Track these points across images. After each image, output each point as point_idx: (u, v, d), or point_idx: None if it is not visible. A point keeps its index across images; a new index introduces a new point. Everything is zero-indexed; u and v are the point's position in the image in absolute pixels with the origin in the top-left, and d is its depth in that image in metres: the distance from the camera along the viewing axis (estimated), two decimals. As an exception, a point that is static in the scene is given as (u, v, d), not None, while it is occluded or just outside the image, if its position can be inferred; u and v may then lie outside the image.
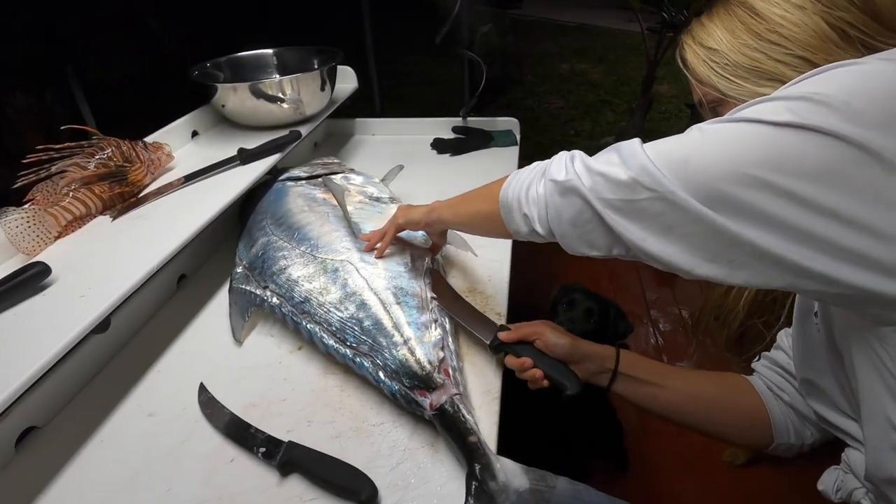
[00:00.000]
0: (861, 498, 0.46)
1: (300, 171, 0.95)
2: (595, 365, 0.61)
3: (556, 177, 0.44)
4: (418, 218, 0.66)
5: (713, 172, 0.35)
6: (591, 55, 3.98)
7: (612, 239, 0.42)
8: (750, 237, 0.35)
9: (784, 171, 0.33)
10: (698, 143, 0.37)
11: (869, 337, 0.38)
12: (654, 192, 0.37)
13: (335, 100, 1.16)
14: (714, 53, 0.47)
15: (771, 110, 0.34)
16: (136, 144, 0.83)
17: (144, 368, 0.67)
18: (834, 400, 0.49)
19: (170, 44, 1.78)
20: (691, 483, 1.22)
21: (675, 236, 0.38)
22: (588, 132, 2.92)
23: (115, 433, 0.59)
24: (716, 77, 0.47)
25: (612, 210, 0.40)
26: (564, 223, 0.44)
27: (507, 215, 0.51)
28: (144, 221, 0.74)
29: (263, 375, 0.65)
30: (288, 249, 0.74)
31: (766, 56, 0.44)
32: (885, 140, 0.31)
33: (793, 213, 0.33)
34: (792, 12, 0.43)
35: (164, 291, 0.79)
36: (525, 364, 0.58)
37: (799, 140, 0.32)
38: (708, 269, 0.38)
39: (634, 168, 0.38)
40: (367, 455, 0.54)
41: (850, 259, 0.33)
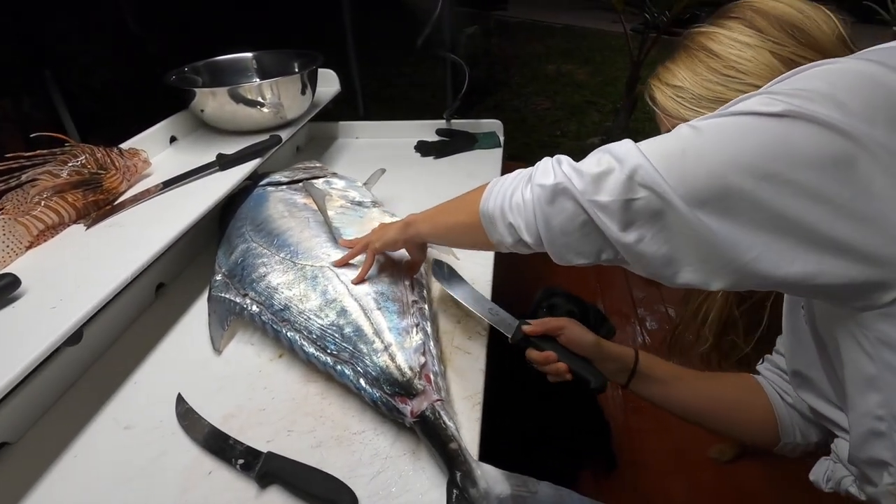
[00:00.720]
0: (849, 486, 0.47)
1: (281, 176, 0.94)
2: (615, 364, 0.62)
3: (543, 181, 0.43)
4: (394, 237, 0.64)
5: (712, 163, 0.35)
6: (577, 56, 4.01)
7: (603, 243, 0.41)
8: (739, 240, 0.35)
9: (781, 158, 0.33)
10: (694, 137, 0.37)
11: (849, 323, 0.39)
12: (651, 191, 0.37)
13: (317, 103, 1.15)
14: (680, 90, 0.54)
15: (764, 103, 0.35)
16: (112, 151, 0.81)
17: (120, 380, 0.66)
18: (823, 390, 0.49)
19: (149, 48, 1.76)
20: (679, 480, 1.22)
21: (667, 236, 0.38)
22: (574, 133, 2.93)
23: (90, 448, 0.57)
24: (683, 109, 0.53)
25: (606, 213, 0.39)
26: (554, 230, 0.43)
27: (490, 226, 0.49)
28: (120, 229, 0.73)
29: (243, 385, 0.64)
30: (268, 256, 0.73)
31: (726, 88, 0.50)
32: (871, 131, 0.32)
33: (788, 201, 0.33)
34: (744, 51, 0.51)
35: (141, 301, 0.78)
36: (550, 357, 0.59)
37: (795, 129, 0.33)
38: (692, 273, 0.38)
39: (629, 166, 0.38)
40: (348, 464, 0.53)
41: (835, 249, 0.34)
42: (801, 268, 0.35)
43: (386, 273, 0.69)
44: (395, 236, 0.64)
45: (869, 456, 0.41)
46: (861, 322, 0.37)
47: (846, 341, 0.40)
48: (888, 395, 0.38)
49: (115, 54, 1.75)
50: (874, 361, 0.37)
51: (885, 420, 0.38)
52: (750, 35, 0.51)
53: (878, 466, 0.40)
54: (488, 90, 3.35)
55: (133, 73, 1.78)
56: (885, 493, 0.40)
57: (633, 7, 2.17)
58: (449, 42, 1.27)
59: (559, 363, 0.59)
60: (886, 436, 0.38)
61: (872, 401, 0.39)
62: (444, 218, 0.58)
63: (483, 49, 3.63)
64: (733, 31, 0.52)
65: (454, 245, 0.64)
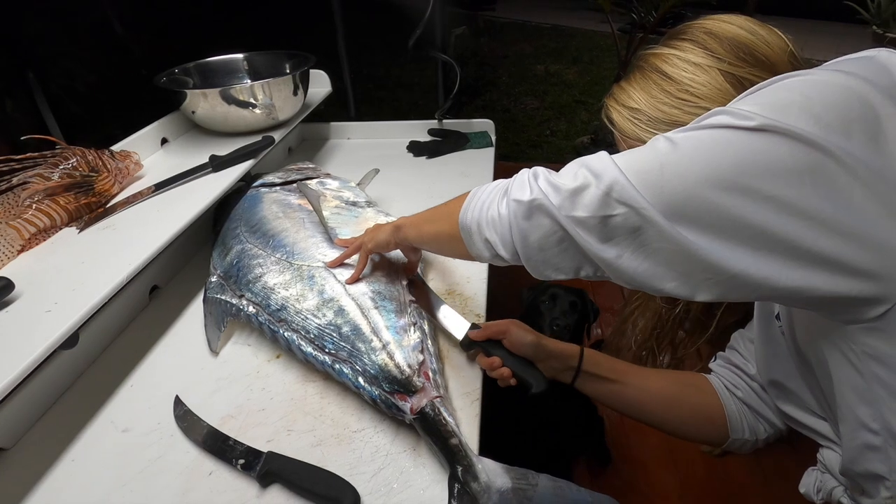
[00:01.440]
0: (840, 496, 0.47)
1: (274, 177, 0.94)
2: (559, 363, 0.61)
3: (519, 196, 0.41)
4: (386, 239, 0.63)
5: (689, 179, 0.34)
6: (565, 56, 4.04)
7: (581, 259, 0.40)
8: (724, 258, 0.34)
9: (760, 174, 0.33)
10: (671, 151, 0.36)
11: (836, 338, 0.38)
12: (629, 207, 0.36)
13: (309, 104, 1.15)
14: (636, 112, 0.54)
15: (740, 116, 0.34)
16: (103, 153, 0.80)
17: (117, 383, 0.65)
18: (804, 401, 0.49)
19: (137, 50, 1.74)
20: (672, 474, 1.24)
21: (648, 252, 0.37)
22: (564, 132, 2.95)
23: (87, 451, 0.57)
24: (641, 132, 0.53)
25: (584, 229, 0.38)
26: (531, 246, 0.42)
27: (468, 239, 0.48)
28: (113, 232, 0.72)
29: (241, 386, 0.64)
30: (263, 257, 0.73)
31: (681, 111, 0.51)
32: (846, 144, 0.32)
33: (770, 217, 0.33)
34: (698, 74, 0.50)
35: (135, 304, 0.77)
36: (494, 363, 0.59)
37: (772, 143, 0.33)
38: (675, 285, 0.37)
39: (606, 182, 0.37)
40: (349, 462, 0.54)
41: (821, 264, 0.33)
42: (790, 282, 0.34)
43: (382, 272, 0.69)
44: (387, 238, 0.63)
45: (864, 469, 0.41)
46: (847, 336, 0.37)
47: (832, 355, 0.40)
48: (879, 408, 0.37)
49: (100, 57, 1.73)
50: (862, 375, 0.37)
51: (879, 434, 0.38)
52: (702, 56, 0.51)
53: (873, 480, 0.40)
54: (478, 90, 3.36)
55: (118, 76, 1.76)
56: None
57: (620, 7, 2.20)
58: (440, 42, 1.28)
59: (503, 368, 0.58)
60: (881, 450, 0.38)
61: (864, 414, 0.39)
62: (429, 227, 0.57)
63: (472, 49, 3.64)
64: (686, 53, 0.52)
65: (441, 253, 0.63)
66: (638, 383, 0.62)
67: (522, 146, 2.84)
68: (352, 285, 0.67)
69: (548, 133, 2.97)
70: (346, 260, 0.69)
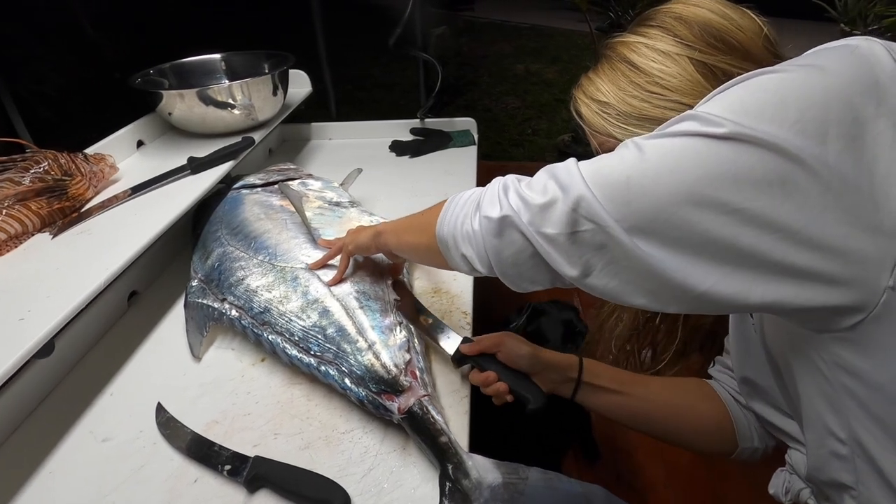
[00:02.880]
0: (808, 498, 0.47)
1: (255, 179, 0.92)
2: (558, 375, 0.59)
3: (490, 213, 0.41)
4: (367, 243, 0.61)
5: (655, 193, 0.33)
6: (544, 55, 4.07)
7: (553, 274, 0.40)
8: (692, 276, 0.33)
9: (728, 185, 0.32)
10: (638, 161, 0.35)
11: (806, 345, 0.38)
12: (595, 224, 0.35)
13: (289, 104, 1.14)
14: (605, 106, 0.51)
15: (709, 122, 0.33)
16: (76, 156, 0.78)
17: (95, 392, 0.63)
18: (774, 399, 0.49)
19: (109, 52, 1.70)
20: (659, 464, 1.26)
21: (616, 270, 0.36)
22: (545, 130, 2.97)
23: (66, 463, 0.55)
24: (610, 126, 0.51)
25: (553, 245, 0.37)
26: (505, 262, 0.41)
27: (446, 252, 0.47)
28: (89, 237, 0.71)
29: (225, 391, 0.63)
30: (245, 259, 0.72)
31: (651, 105, 0.48)
32: (821, 151, 0.30)
33: (737, 230, 0.32)
34: (668, 65, 0.48)
35: (113, 310, 0.75)
36: (489, 378, 0.56)
37: (742, 152, 0.31)
38: (646, 301, 0.37)
39: (572, 197, 0.36)
40: (338, 464, 0.53)
41: (792, 275, 0.32)
42: (761, 296, 0.33)
43: (366, 271, 0.69)
44: (368, 242, 0.61)
45: (830, 477, 0.40)
46: (818, 344, 0.36)
47: (802, 361, 0.39)
48: (846, 419, 0.37)
49: (71, 59, 1.69)
50: (831, 384, 0.37)
51: (846, 444, 0.38)
52: (672, 44, 0.48)
53: (839, 489, 0.40)
54: (459, 90, 3.37)
55: (91, 79, 1.72)
56: None
57: (597, 6, 2.22)
58: (420, 42, 1.27)
59: (499, 384, 0.55)
60: (848, 459, 0.38)
61: (831, 422, 0.38)
62: (408, 237, 0.55)
63: (452, 49, 3.65)
64: (654, 41, 0.49)
65: (421, 263, 0.61)
66: (642, 393, 0.59)
67: (504, 145, 2.86)
68: (336, 286, 0.66)
69: (529, 132, 2.99)
70: (328, 262, 0.69)
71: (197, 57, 1.10)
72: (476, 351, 0.58)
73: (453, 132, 1.27)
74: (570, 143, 2.43)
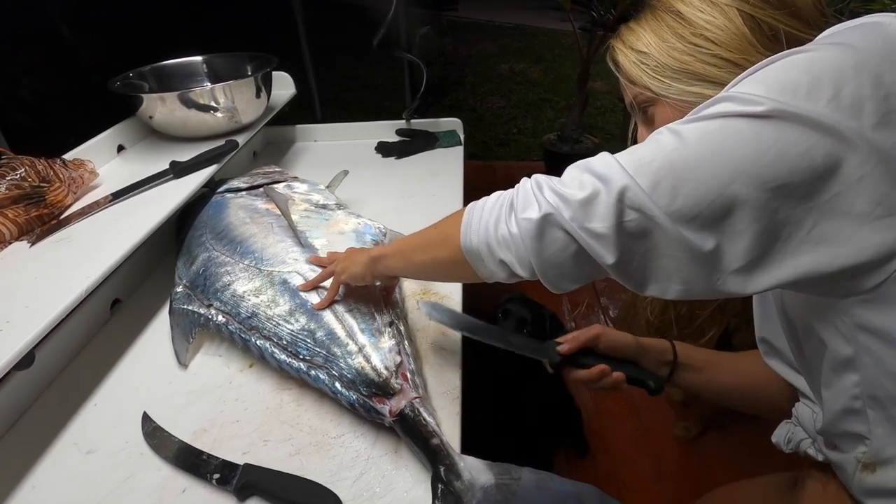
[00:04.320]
0: (807, 448, 0.50)
1: (240, 182, 0.91)
2: (654, 359, 0.60)
3: (529, 214, 0.40)
4: (362, 272, 0.59)
5: (701, 177, 0.34)
6: (529, 55, 4.09)
7: (596, 268, 0.40)
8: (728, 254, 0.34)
9: (771, 162, 0.32)
10: (679, 147, 0.35)
11: (826, 310, 0.39)
12: (640, 214, 0.35)
13: (272, 107, 1.12)
14: (644, 56, 0.49)
15: (746, 102, 0.33)
16: (54, 162, 0.76)
17: (79, 403, 0.62)
18: (788, 358, 0.51)
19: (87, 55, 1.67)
20: (648, 459, 1.27)
21: (654, 255, 0.37)
22: (531, 130, 2.99)
23: (49, 476, 0.54)
24: (647, 78, 0.48)
25: (599, 240, 0.37)
26: (548, 263, 0.40)
27: (477, 262, 0.46)
28: (69, 245, 0.69)
29: (213, 398, 0.62)
30: (231, 264, 0.71)
31: (693, 58, 0.46)
32: (858, 125, 0.31)
33: (779, 205, 0.33)
34: (715, 16, 0.45)
35: (95, 319, 0.74)
36: (605, 371, 0.56)
37: (783, 130, 0.32)
38: (680, 287, 0.37)
39: (616, 188, 0.36)
40: (330, 469, 0.53)
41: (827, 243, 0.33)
42: (791, 271, 0.34)
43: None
44: (363, 272, 0.59)
45: (844, 430, 0.42)
46: (839, 308, 0.38)
47: (822, 326, 0.40)
48: (864, 375, 0.38)
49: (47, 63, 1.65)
50: (850, 344, 0.38)
51: (860, 398, 0.39)
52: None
53: (851, 438, 0.42)
54: (444, 90, 3.37)
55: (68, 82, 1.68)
56: (851, 460, 0.42)
57: (580, 6, 2.24)
58: (405, 42, 1.27)
59: (616, 374, 0.56)
60: (861, 412, 0.40)
61: (849, 381, 0.40)
62: (421, 255, 0.53)
63: (437, 50, 3.65)
64: None
65: (432, 280, 0.59)
66: (732, 368, 0.60)
67: (490, 145, 2.86)
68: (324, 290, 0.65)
69: (515, 131, 3.00)
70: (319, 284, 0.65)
71: (178, 59, 1.08)
72: (574, 349, 0.57)
73: (439, 133, 1.27)
74: (555, 141, 2.45)
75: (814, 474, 0.52)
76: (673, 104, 0.47)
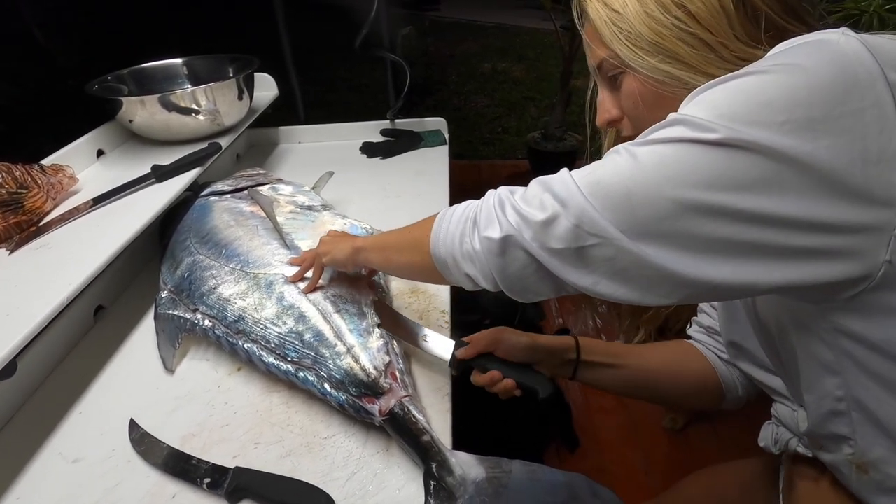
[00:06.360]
0: (796, 446, 0.50)
1: (224, 185, 0.91)
2: (557, 358, 0.59)
3: (490, 234, 0.40)
4: (343, 259, 0.60)
5: (658, 203, 0.34)
6: (511, 54, 4.11)
7: (559, 285, 0.40)
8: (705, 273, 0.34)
9: (727, 189, 0.33)
10: (636, 171, 0.35)
11: (803, 316, 0.39)
12: (600, 238, 0.36)
13: (255, 109, 1.12)
14: (618, 17, 0.45)
15: (700, 128, 0.33)
16: (32, 168, 0.75)
17: (63, 412, 0.61)
18: (759, 359, 0.52)
19: (62, 59, 1.64)
20: (637, 453, 1.29)
21: (625, 277, 0.37)
22: (515, 128, 3.00)
23: (34, 487, 0.53)
24: (618, 44, 0.45)
25: (559, 259, 0.38)
26: (511, 277, 0.41)
27: (445, 271, 0.46)
28: (49, 251, 0.68)
29: (202, 402, 0.61)
30: (217, 268, 0.71)
31: (669, 32, 0.43)
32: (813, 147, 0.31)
33: (743, 229, 0.33)
34: None
35: (79, 326, 0.73)
36: (494, 378, 0.55)
37: (737, 158, 0.32)
38: (658, 299, 0.37)
39: (574, 213, 0.36)
40: (321, 469, 0.53)
41: (801, 257, 0.33)
42: (771, 281, 0.34)
43: (342, 275, 0.68)
44: (344, 259, 0.60)
45: (829, 431, 0.43)
46: (816, 315, 0.38)
47: (799, 331, 0.40)
48: (846, 379, 0.39)
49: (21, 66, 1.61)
50: (831, 348, 0.38)
51: (843, 400, 0.40)
52: None
53: (837, 440, 0.43)
54: (427, 90, 3.37)
55: (42, 86, 1.65)
56: (843, 461, 0.43)
57: (560, 5, 2.26)
58: (387, 43, 1.27)
59: (505, 381, 0.55)
60: (845, 414, 0.40)
61: (831, 384, 0.40)
62: (397, 256, 0.54)
63: (419, 49, 3.64)
64: None
65: (412, 279, 0.59)
66: (636, 362, 0.60)
67: (475, 144, 2.87)
68: (311, 292, 0.65)
69: (499, 130, 3.02)
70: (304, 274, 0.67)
71: (157, 62, 1.07)
72: (473, 353, 0.57)
73: (424, 132, 1.27)
74: (539, 139, 2.46)
75: (803, 471, 0.53)
76: (642, 79, 0.45)
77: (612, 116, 0.50)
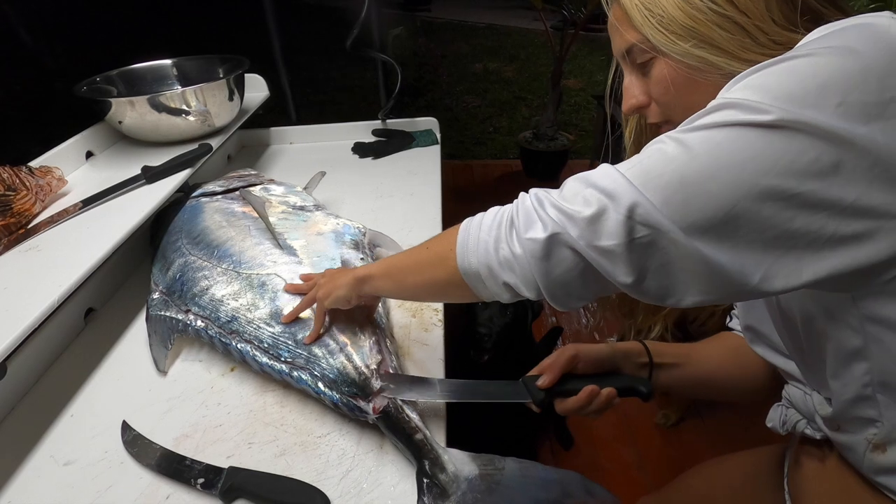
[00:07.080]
0: (804, 428, 0.51)
1: (215, 186, 0.90)
2: (632, 362, 0.57)
3: (534, 235, 0.38)
4: (346, 295, 0.55)
5: (714, 191, 0.33)
6: (502, 54, 4.12)
7: (605, 285, 0.38)
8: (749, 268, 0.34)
9: (783, 173, 0.32)
10: (688, 159, 0.34)
11: (832, 304, 0.38)
12: (651, 229, 0.34)
13: (246, 109, 1.11)
14: (650, 1, 0.42)
15: (753, 110, 0.33)
16: (20, 170, 0.74)
17: (55, 415, 0.61)
18: (774, 343, 0.52)
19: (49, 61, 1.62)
20: (631, 450, 1.30)
21: (669, 270, 0.36)
22: (506, 128, 3.02)
23: (25, 491, 0.53)
24: (649, 27, 0.42)
25: (609, 258, 0.36)
26: (555, 283, 0.39)
27: (477, 284, 0.43)
28: (38, 254, 0.67)
29: (195, 403, 0.61)
30: (209, 268, 0.71)
31: (703, 15, 0.40)
32: (868, 130, 0.31)
33: (794, 215, 0.32)
34: None
35: (69, 329, 0.72)
36: (593, 393, 0.52)
37: (793, 140, 0.32)
38: (698, 298, 0.36)
39: (625, 204, 0.35)
40: (316, 468, 0.53)
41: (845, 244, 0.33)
42: (810, 276, 0.34)
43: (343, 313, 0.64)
44: (348, 294, 0.55)
45: (855, 416, 0.43)
46: (844, 300, 0.37)
47: (825, 317, 0.40)
48: (874, 364, 0.38)
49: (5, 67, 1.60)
50: (859, 334, 0.38)
51: (870, 385, 0.39)
52: None
53: (862, 423, 0.43)
54: (419, 90, 3.38)
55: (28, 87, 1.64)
56: (860, 441, 0.43)
57: (551, 5, 2.27)
58: (378, 43, 1.27)
59: (606, 391, 0.52)
60: (872, 398, 0.40)
61: (859, 370, 0.39)
62: (413, 278, 0.50)
63: (410, 50, 3.65)
64: None
65: (424, 301, 0.56)
66: (700, 361, 0.59)
67: (467, 144, 2.88)
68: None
69: (491, 130, 3.03)
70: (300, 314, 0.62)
71: (146, 63, 1.06)
72: (554, 379, 0.53)
73: (415, 132, 1.28)
74: (531, 139, 2.47)
75: (809, 451, 0.53)
76: (674, 65, 0.43)
77: (639, 102, 0.48)
